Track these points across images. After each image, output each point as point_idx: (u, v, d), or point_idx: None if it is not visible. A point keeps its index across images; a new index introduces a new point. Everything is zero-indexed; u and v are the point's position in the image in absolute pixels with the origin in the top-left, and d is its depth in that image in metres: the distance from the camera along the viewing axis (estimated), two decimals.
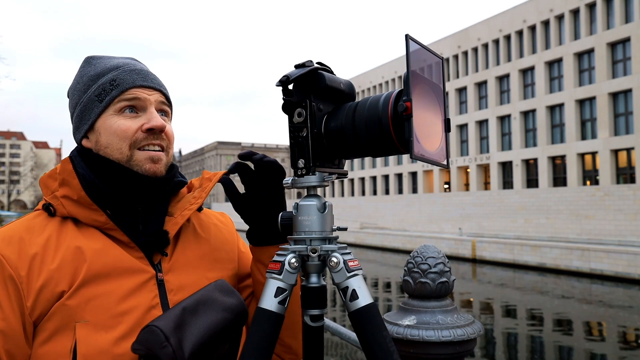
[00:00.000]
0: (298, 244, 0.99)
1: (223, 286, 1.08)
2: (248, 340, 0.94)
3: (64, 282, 0.99)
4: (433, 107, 0.92)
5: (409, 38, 0.83)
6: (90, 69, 1.15)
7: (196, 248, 1.19)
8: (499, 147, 37.28)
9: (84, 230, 1.06)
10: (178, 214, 1.16)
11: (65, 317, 0.97)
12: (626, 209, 26.22)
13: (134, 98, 1.10)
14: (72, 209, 1.06)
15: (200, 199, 1.18)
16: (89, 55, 1.20)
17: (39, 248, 1.01)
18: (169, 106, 1.18)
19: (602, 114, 30.31)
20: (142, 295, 1.04)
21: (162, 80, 1.20)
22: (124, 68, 1.13)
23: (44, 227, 1.05)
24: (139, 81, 1.12)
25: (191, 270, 1.14)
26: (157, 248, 1.10)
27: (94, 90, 1.11)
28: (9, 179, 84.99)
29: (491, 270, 24.44)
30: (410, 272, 1.60)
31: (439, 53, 0.95)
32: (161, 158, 1.12)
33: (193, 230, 1.22)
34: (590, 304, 17.23)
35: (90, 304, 0.99)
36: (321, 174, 1.00)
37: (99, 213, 1.06)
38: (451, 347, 1.50)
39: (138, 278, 1.05)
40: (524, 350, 12.02)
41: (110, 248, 1.05)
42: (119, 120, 1.09)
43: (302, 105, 0.98)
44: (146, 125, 1.10)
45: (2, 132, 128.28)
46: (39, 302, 0.97)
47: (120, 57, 1.20)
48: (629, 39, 29.05)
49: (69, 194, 1.07)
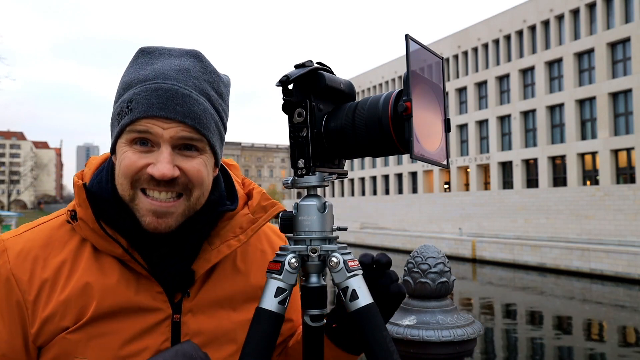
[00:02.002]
0: (298, 244, 0.99)
1: (187, 352, 0.88)
2: (248, 341, 0.93)
3: (69, 318, 0.93)
4: (433, 107, 0.91)
5: (409, 38, 0.83)
6: (132, 69, 0.97)
7: (229, 286, 1.06)
8: (499, 147, 37.27)
9: (101, 259, 0.97)
10: (217, 245, 1.02)
11: (65, 350, 0.93)
12: (626, 209, 26.22)
13: (146, 131, 0.91)
14: (89, 235, 0.97)
15: (245, 235, 1.04)
16: (144, 46, 0.99)
17: (51, 274, 0.94)
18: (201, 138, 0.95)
19: (602, 114, 30.31)
20: (152, 337, 0.96)
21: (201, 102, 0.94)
22: (148, 85, 0.92)
23: (63, 245, 0.98)
24: (154, 110, 0.90)
25: (215, 312, 1.03)
26: (179, 288, 0.99)
27: (119, 104, 0.95)
28: (9, 179, 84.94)
29: (491, 270, 24.44)
30: (410, 272, 1.60)
31: (439, 53, 0.95)
32: (170, 211, 0.94)
33: (232, 263, 1.08)
34: (590, 304, 17.23)
35: (93, 342, 0.93)
36: (321, 174, 1.00)
37: (114, 245, 0.95)
38: (451, 347, 1.50)
39: (151, 318, 0.96)
40: (524, 351, 12.02)
41: (124, 284, 0.96)
42: (127, 152, 0.93)
43: (302, 105, 0.98)
44: (150, 169, 0.91)
45: (2, 132, 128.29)
46: (42, 333, 0.93)
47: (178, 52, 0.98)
48: (629, 39, 29.05)
49: (85, 220, 0.96)
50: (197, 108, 0.94)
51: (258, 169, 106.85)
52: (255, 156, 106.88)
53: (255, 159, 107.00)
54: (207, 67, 0.99)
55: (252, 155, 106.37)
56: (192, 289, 1.01)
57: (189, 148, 0.95)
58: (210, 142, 0.97)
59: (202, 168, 0.96)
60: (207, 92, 0.97)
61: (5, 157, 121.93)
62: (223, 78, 1.04)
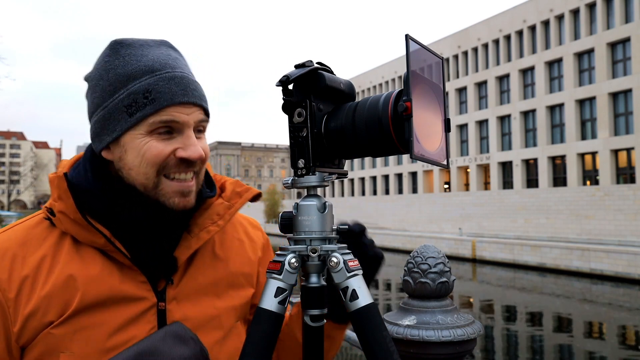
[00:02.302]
0: (298, 244, 0.99)
1: (177, 332, 0.91)
2: (248, 341, 0.93)
3: (53, 312, 0.92)
4: (433, 107, 0.91)
5: (409, 38, 0.83)
6: (118, 63, 0.97)
7: (210, 274, 1.08)
8: (499, 147, 37.28)
9: (82, 250, 0.97)
10: (196, 233, 1.04)
11: (50, 346, 0.92)
12: (626, 209, 26.22)
13: (172, 121, 0.95)
14: (69, 227, 0.97)
15: (223, 220, 1.07)
16: (118, 39, 1.00)
17: (31, 270, 0.94)
18: (207, 120, 1.03)
19: (602, 114, 30.32)
20: (138, 326, 0.96)
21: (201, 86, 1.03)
22: (161, 75, 0.96)
23: (41, 241, 0.98)
24: (179, 97, 0.95)
25: (199, 299, 1.04)
26: (163, 275, 1.00)
27: (123, 97, 0.95)
28: (9, 179, 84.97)
29: (491, 270, 24.44)
30: (410, 272, 1.60)
31: (439, 53, 0.95)
32: (192, 189, 1.00)
33: (211, 251, 1.10)
34: (590, 304, 17.23)
35: (78, 335, 0.92)
36: (321, 174, 1.00)
37: (96, 235, 0.96)
38: (451, 347, 1.50)
39: (136, 307, 0.97)
40: (524, 351, 12.02)
41: (108, 274, 0.96)
42: (150, 142, 0.95)
43: (302, 105, 0.98)
44: (181, 152, 0.96)
45: (2, 132, 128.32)
46: (26, 330, 0.92)
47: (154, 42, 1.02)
48: (629, 39, 29.06)
49: (66, 211, 0.96)
50: (203, 91, 1.03)
51: (258, 169, 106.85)
52: (255, 156, 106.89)
53: (255, 159, 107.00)
54: (181, 53, 1.05)
55: (252, 155, 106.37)
56: (175, 277, 1.02)
57: (199, 130, 1.02)
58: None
59: (207, 147, 1.03)
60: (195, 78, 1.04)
61: (5, 157, 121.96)
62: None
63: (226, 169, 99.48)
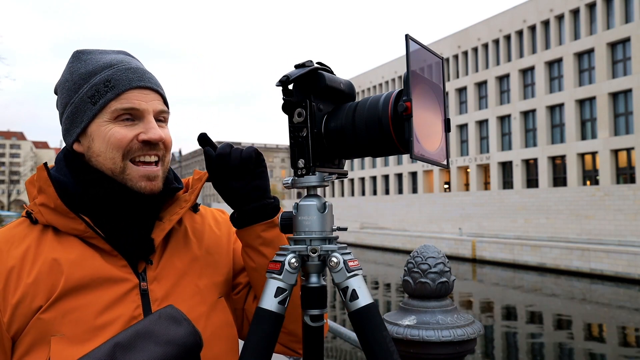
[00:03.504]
0: (298, 244, 0.99)
1: (171, 314, 0.97)
2: (248, 340, 0.94)
3: (41, 296, 0.95)
4: (433, 107, 0.92)
5: (409, 38, 0.83)
6: (80, 66, 1.07)
7: (186, 254, 1.13)
8: (499, 147, 37.27)
9: (63, 239, 1.02)
10: (167, 218, 1.10)
11: (40, 331, 0.94)
12: (626, 209, 26.23)
13: (132, 108, 1.03)
14: (50, 218, 1.02)
15: (189, 202, 1.14)
16: (78, 49, 1.12)
17: (16, 261, 0.98)
18: (167, 110, 1.11)
19: (602, 114, 30.31)
20: (123, 306, 1.00)
21: (157, 79, 1.13)
22: (118, 67, 1.05)
23: (23, 237, 1.02)
24: (136, 82, 1.05)
25: (179, 278, 1.09)
26: (141, 256, 1.05)
27: (87, 90, 1.04)
28: (9, 179, 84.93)
29: (491, 270, 24.44)
30: (410, 272, 1.60)
31: (439, 53, 0.95)
32: (157, 174, 1.06)
33: (184, 234, 1.16)
34: (590, 304, 17.23)
35: (67, 317, 0.95)
36: (321, 174, 1.00)
37: (77, 221, 1.00)
38: (451, 347, 1.50)
39: (120, 288, 1.00)
40: (524, 350, 12.02)
41: (90, 258, 1.00)
42: (114, 128, 1.03)
43: (302, 105, 0.98)
44: (143, 136, 1.04)
45: (2, 132, 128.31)
46: (15, 318, 0.95)
47: (112, 51, 1.13)
48: (629, 39, 29.05)
49: (46, 202, 1.02)
50: (160, 83, 1.12)
51: None
52: None
53: None
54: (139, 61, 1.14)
55: None
56: (153, 258, 1.07)
57: (160, 120, 1.10)
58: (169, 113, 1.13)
59: (170, 135, 1.11)
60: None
61: (5, 157, 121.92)
62: None
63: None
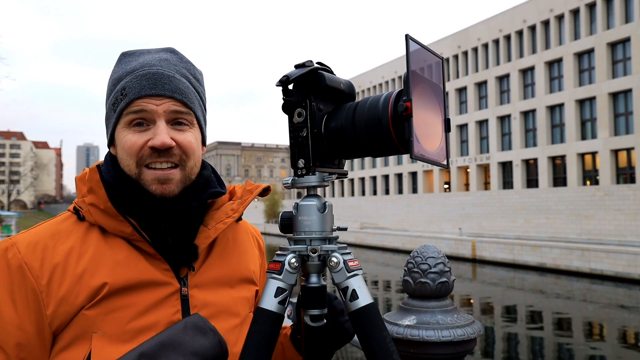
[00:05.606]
0: (298, 244, 0.99)
1: (196, 324, 0.98)
2: (248, 340, 0.94)
3: (84, 294, 0.97)
4: (433, 107, 0.92)
5: (409, 38, 0.83)
6: (116, 70, 1.09)
7: (227, 264, 1.14)
8: (499, 147, 37.27)
9: (110, 240, 1.03)
10: (212, 225, 1.11)
11: (83, 326, 0.96)
12: (626, 209, 26.22)
13: (141, 110, 1.03)
14: (99, 218, 1.03)
15: (237, 213, 1.14)
16: (124, 51, 1.13)
17: (61, 257, 0.99)
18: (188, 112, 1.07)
19: (602, 114, 30.30)
20: (164, 309, 1.01)
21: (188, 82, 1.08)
22: (136, 73, 1.04)
23: (69, 233, 1.03)
24: (146, 90, 1.03)
25: (218, 287, 1.10)
26: (185, 262, 1.06)
27: (112, 98, 1.07)
28: (9, 179, 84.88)
29: (491, 270, 24.44)
30: (410, 272, 1.60)
31: (439, 53, 0.95)
32: (170, 178, 1.04)
33: (227, 243, 1.17)
34: (590, 304, 17.23)
35: (109, 316, 0.97)
36: (321, 174, 1.00)
37: (124, 224, 1.02)
38: (451, 347, 1.50)
39: (161, 292, 1.02)
40: (524, 351, 12.02)
41: (135, 260, 1.02)
42: (127, 135, 1.04)
43: (302, 105, 0.98)
44: (150, 142, 1.03)
45: (2, 132, 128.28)
46: (58, 313, 0.96)
47: (155, 49, 1.11)
48: (629, 39, 29.04)
49: (96, 203, 1.03)
50: (182, 85, 1.06)
51: (258, 169, 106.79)
52: (255, 156, 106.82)
53: (255, 159, 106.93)
54: (182, 57, 1.11)
55: (252, 155, 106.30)
56: (195, 264, 1.08)
57: (180, 123, 1.06)
58: (197, 116, 1.09)
59: (192, 139, 1.07)
60: (186, 75, 1.09)
61: (5, 157, 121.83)
62: (197, 68, 1.15)
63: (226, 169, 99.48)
